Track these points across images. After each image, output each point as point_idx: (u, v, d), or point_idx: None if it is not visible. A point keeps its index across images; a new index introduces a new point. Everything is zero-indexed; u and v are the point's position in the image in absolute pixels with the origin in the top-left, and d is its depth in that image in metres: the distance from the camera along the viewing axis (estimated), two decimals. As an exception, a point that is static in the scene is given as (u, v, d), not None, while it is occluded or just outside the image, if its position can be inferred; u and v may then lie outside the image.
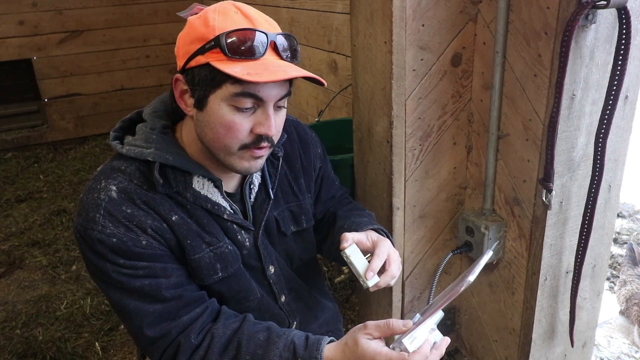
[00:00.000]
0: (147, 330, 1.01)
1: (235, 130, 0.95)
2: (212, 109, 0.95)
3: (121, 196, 0.98)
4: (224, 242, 1.08)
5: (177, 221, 1.02)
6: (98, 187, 0.99)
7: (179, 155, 1.02)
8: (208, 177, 1.05)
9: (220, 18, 0.93)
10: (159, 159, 0.99)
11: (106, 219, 0.96)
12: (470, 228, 1.56)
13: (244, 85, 0.91)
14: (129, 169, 1.01)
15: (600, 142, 1.25)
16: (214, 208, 1.06)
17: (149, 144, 1.01)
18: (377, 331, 0.96)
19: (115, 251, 0.97)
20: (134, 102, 4.66)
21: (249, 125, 0.96)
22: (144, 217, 0.99)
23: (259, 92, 0.93)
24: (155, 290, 1.00)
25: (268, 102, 0.95)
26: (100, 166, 1.05)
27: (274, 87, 0.94)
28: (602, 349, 1.97)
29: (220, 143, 0.98)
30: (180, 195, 1.03)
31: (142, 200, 1.00)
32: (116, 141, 1.06)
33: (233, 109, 0.94)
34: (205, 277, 1.06)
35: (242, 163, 1.00)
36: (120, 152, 1.03)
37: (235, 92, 0.92)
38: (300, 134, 1.25)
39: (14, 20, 4.12)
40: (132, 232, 0.98)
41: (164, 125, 1.05)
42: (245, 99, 0.93)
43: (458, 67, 1.47)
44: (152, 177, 0.99)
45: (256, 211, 1.14)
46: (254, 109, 0.95)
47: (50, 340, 2.16)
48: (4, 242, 2.96)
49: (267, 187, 1.15)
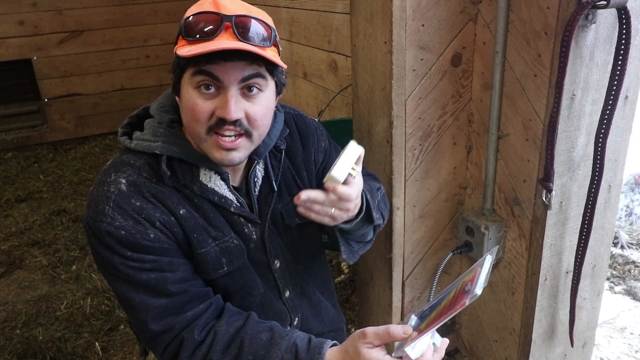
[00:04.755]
0: (152, 324, 1.02)
1: (198, 112, 0.95)
2: (183, 95, 0.98)
3: (131, 189, 0.99)
4: (230, 236, 1.09)
5: (185, 215, 1.03)
6: (108, 180, 1.01)
7: (186, 147, 1.03)
8: (215, 170, 1.06)
9: (193, 7, 0.96)
10: (166, 151, 1.01)
11: (115, 212, 0.97)
12: (470, 228, 1.56)
13: (199, 64, 0.92)
14: (138, 162, 1.02)
15: (600, 142, 1.25)
16: (221, 201, 1.07)
17: (157, 138, 1.03)
18: (377, 339, 0.95)
19: (123, 243, 0.98)
20: (134, 102, 4.66)
21: (210, 107, 0.95)
22: (153, 211, 1.00)
23: (214, 70, 0.92)
24: (162, 284, 1.01)
25: (227, 84, 0.94)
26: (110, 160, 1.06)
27: (233, 68, 0.92)
28: (602, 349, 1.97)
29: (191, 128, 0.99)
30: (187, 188, 1.04)
31: (151, 194, 1.01)
32: (124, 137, 1.07)
33: (197, 92, 0.95)
34: (211, 271, 1.07)
35: (214, 153, 0.99)
36: (129, 146, 1.04)
37: (194, 71, 0.93)
38: (300, 128, 1.24)
39: (14, 20, 4.12)
40: (141, 225, 0.99)
41: (171, 120, 1.07)
42: (201, 77, 0.93)
43: (458, 67, 1.47)
44: (160, 170, 1.01)
45: (261, 204, 1.15)
46: (216, 92, 0.95)
47: (50, 340, 2.16)
48: (4, 242, 2.96)
49: (270, 180, 1.16)
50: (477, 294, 0.89)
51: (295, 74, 3.19)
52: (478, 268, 0.96)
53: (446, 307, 0.93)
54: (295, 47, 2.93)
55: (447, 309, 0.93)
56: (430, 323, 0.93)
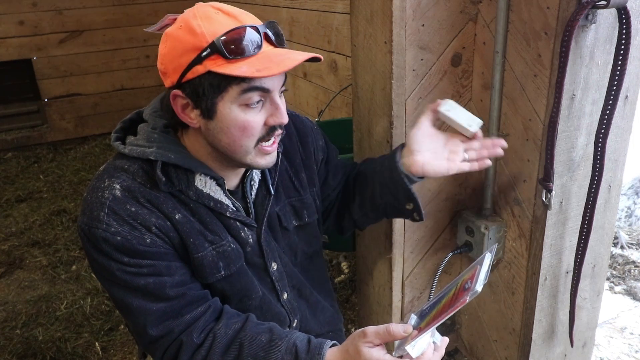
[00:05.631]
0: (150, 329, 1.01)
1: (251, 128, 0.96)
2: (222, 115, 0.95)
3: (125, 195, 0.99)
4: (227, 240, 1.08)
5: (180, 219, 1.02)
6: (102, 185, 1.00)
7: (181, 153, 1.02)
8: (210, 175, 1.06)
9: (205, 23, 0.91)
10: (161, 157, 1.00)
11: (110, 217, 0.97)
12: (470, 228, 1.56)
13: (250, 81, 0.92)
14: (132, 167, 1.01)
15: (600, 142, 1.25)
16: (217, 206, 1.06)
17: (151, 143, 1.01)
18: (377, 338, 0.95)
19: (120, 249, 0.97)
20: (134, 102, 4.66)
21: (261, 119, 0.97)
22: (148, 216, 0.99)
23: (265, 83, 0.93)
24: (159, 288, 1.00)
25: (274, 91, 0.95)
26: (103, 165, 1.06)
27: (277, 76, 0.95)
28: (602, 349, 1.97)
29: (237, 145, 0.98)
30: (183, 193, 1.03)
31: (146, 199, 1.00)
32: (118, 142, 1.06)
33: (244, 108, 0.95)
34: (208, 276, 1.07)
35: (259, 161, 1.02)
36: (123, 152, 1.03)
37: (243, 89, 0.92)
38: (298, 128, 1.25)
39: (14, 20, 4.12)
40: (137, 231, 0.98)
41: (165, 125, 1.05)
42: (253, 93, 0.93)
43: (458, 67, 1.47)
44: (155, 176, 1.00)
45: (258, 207, 1.14)
46: (262, 102, 0.96)
47: (50, 340, 2.16)
48: (4, 242, 2.96)
49: (267, 183, 1.15)
50: (478, 290, 0.90)
51: (295, 74, 3.20)
52: (478, 266, 0.96)
53: (446, 305, 0.94)
54: (295, 47, 2.94)
55: (447, 307, 0.93)
56: (431, 321, 0.93)
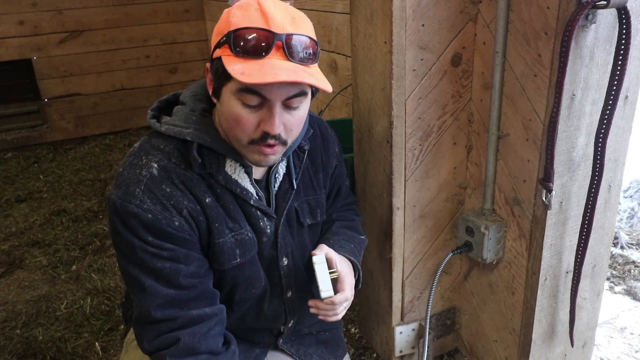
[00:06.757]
0: (154, 311, 1.02)
1: (242, 124, 0.97)
2: (224, 100, 0.98)
3: (162, 174, 1.01)
4: (246, 228, 1.11)
5: (210, 203, 1.05)
6: (140, 163, 1.02)
7: (216, 137, 1.05)
8: (240, 162, 1.08)
9: (239, 14, 0.94)
10: (197, 139, 1.02)
11: (145, 195, 0.99)
12: (470, 228, 1.56)
13: (242, 82, 0.92)
14: (167, 147, 1.04)
15: (600, 142, 1.25)
16: (242, 193, 1.09)
17: (189, 124, 1.04)
18: None
19: (147, 227, 0.99)
20: (134, 102, 4.66)
21: (255, 120, 0.97)
22: (181, 198, 1.01)
23: (262, 90, 0.93)
24: (174, 274, 1.02)
25: (273, 100, 0.95)
26: (138, 142, 1.08)
27: (280, 87, 0.93)
28: (602, 349, 1.97)
29: (232, 133, 1.00)
30: (212, 177, 1.06)
31: (180, 180, 1.02)
32: (154, 119, 1.09)
33: (240, 103, 0.96)
34: (225, 262, 1.09)
35: (253, 156, 1.02)
36: (159, 130, 1.05)
37: (240, 87, 0.93)
38: (322, 131, 1.28)
39: (14, 20, 4.12)
40: (167, 212, 1.00)
41: (203, 109, 1.08)
42: (249, 95, 0.94)
43: (458, 67, 1.47)
44: (190, 157, 1.02)
45: (279, 200, 1.17)
46: (261, 105, 0.96)
47: (50, 340, 2.16)
48: (4, 242, 2.96)
49: (291, 177, 1.18)
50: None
51: (295, 74, 3.18)
52: None
53: None
54: (295, 47, 2.93)
55: None
56: None
